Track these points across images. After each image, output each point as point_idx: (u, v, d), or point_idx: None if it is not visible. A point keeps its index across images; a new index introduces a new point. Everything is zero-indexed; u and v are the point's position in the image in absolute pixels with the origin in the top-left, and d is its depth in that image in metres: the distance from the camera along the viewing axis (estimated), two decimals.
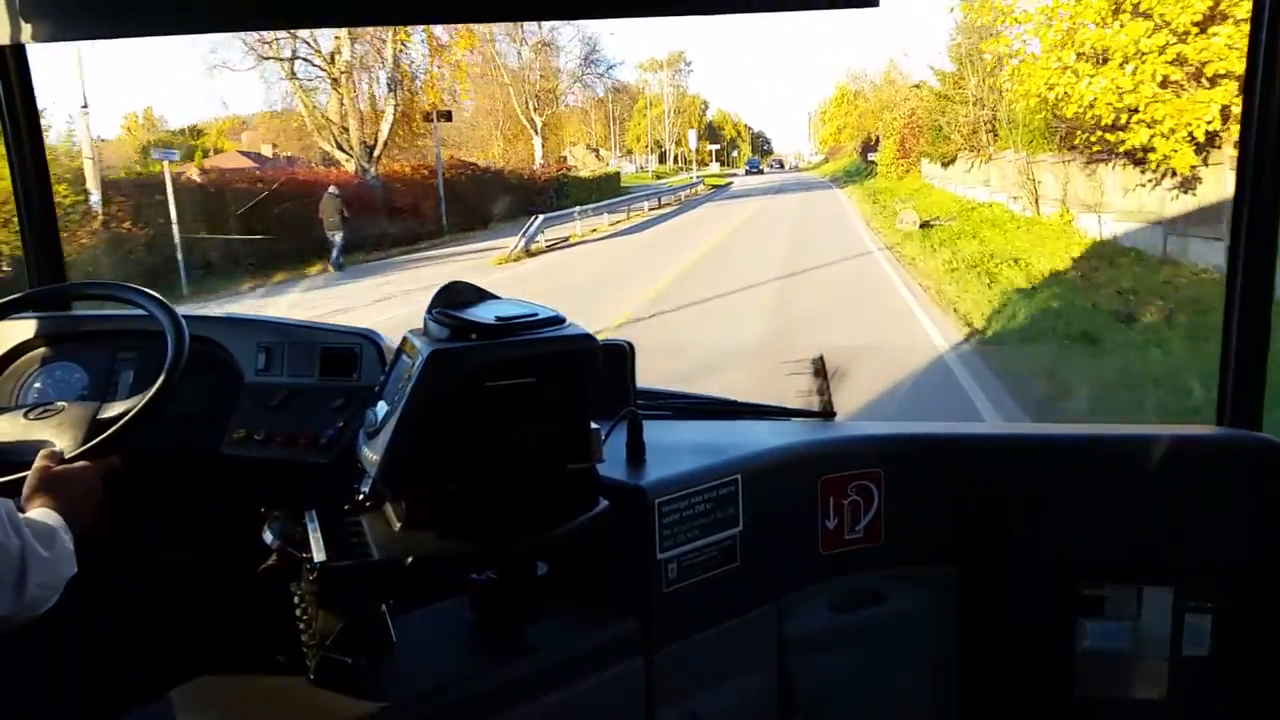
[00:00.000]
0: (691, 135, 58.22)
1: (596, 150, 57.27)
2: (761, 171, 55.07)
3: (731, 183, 47.42)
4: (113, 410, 1.66)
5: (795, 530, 1.81)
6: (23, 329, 2.02)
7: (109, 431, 1.59)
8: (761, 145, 77.39)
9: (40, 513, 1.37)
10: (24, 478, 1.48)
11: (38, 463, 1.49)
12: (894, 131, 34.09)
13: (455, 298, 1.44)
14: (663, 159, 64.94)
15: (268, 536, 1.37)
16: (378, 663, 1.40)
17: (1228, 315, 1.84)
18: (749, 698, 1.78)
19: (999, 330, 10.54)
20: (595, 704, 1.55)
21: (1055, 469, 1.93)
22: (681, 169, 61.18)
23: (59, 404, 1.70)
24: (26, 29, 1.82)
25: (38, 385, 1.98)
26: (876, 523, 1.87)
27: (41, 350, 2.02)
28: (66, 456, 1.54)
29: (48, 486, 1.45)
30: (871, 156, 38.61)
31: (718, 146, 67.69)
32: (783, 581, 1.80)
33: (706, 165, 63.19)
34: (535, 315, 1.40)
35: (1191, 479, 1.87)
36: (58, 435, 1.62)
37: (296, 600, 1.36)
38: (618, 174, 40.90)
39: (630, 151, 62.69)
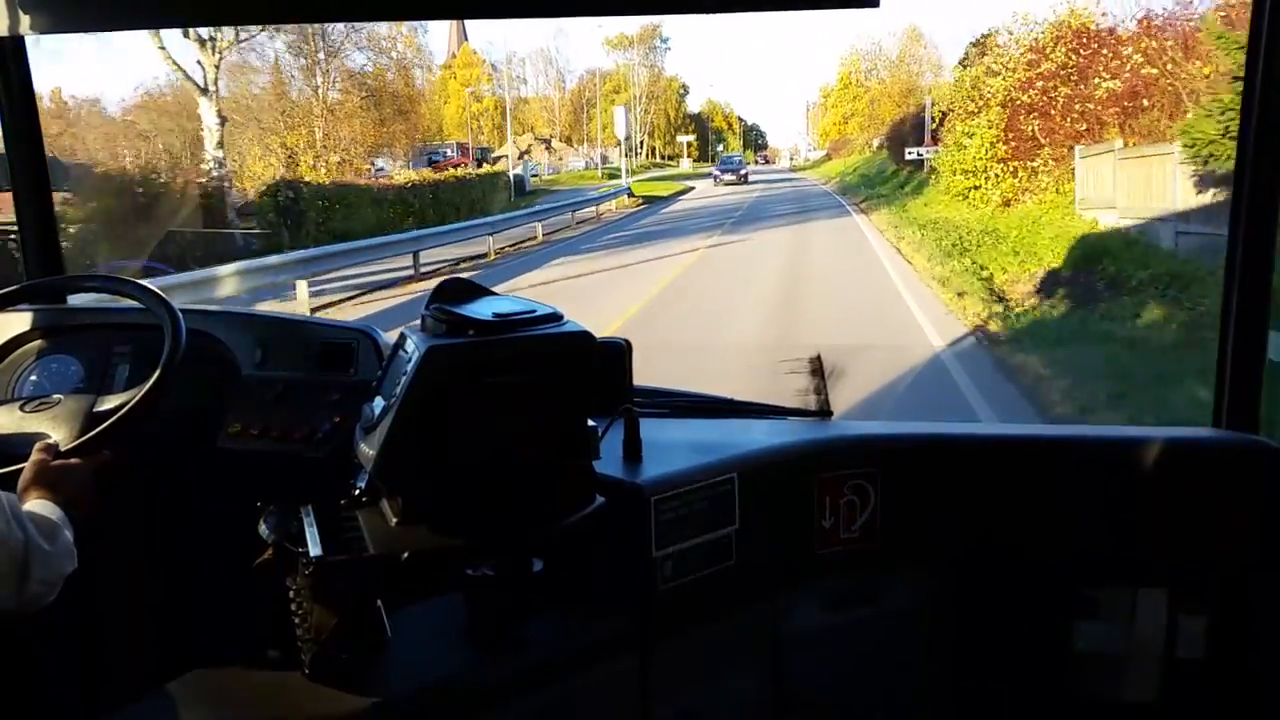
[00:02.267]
0: (619, 117, 40.81)
1: (548, 141, 48.72)
2: (744, 177, 36.18)
3: (689, 190, 33.16)
4: (109, 403, 1.65)
5: (791, 529, 1.81)
6: (19, 321, 2.01)
7: (104, 425, 1.59)
8: (755, 139, 68.66)
9: (41, 505, 1.37)
10: (18, 471, 1.47)
11: (34, 456, 1.48)
12: (988, 102, 16.54)
13: (453, 294, 1.44)
14: (630, 151, 53.58)
15: (263, 531, 1.37)
16: (372, 658, 1.40)
17: (1225, 317, 1.84)
18: (743, 695, 1.78)
19: None
20: (590, 701, 1.55)
21: (1052, 469, 1.93)
22: (653, 164, 52.06)
23: (55, 396, 1.70)
24: (25, 20, 1.81)
25: (33, 378, 1.97)
26: (872, 522, 1.87)
27: (37, 343, 2.01)
28: (62, 450, 1.54)
29: (44, 480, 1.45)
30: (918, 153, 23.24)
31: (690, 138, 56.95)
32: (778, 580, 1.80)
33: (677, 161, 53.82)
34: (533, 312, 1.40)
35: (1188, 481, 1.88)
36: (53, 428, 1.62)
37: (292, 595, 1.36)
38: (501, 176, 26.68)
39: (598, 143, 52.90)
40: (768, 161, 60.79)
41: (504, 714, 1.44)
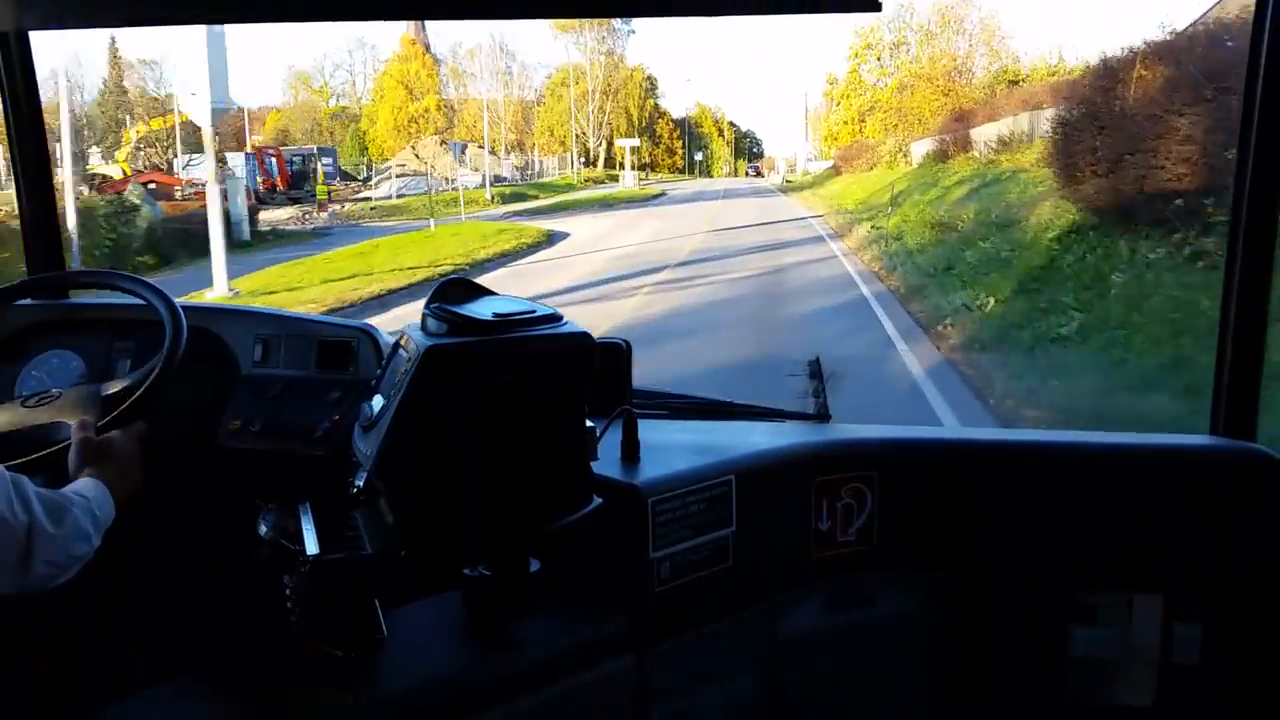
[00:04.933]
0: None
1: (462, 147, 37.70)
2: None
3: (505, 264, 15.42)
4: (115, 387, 1.66)
5: (788, 532, 1.81)
6: (20, 316, 2.01)
7: (138, 394, 1.61)
8: (749, 147, 57.66)
9: (87, 484, 1.39)
10: (46, 455, 1.49)
11: (76, 435, 1.51)
12: None
13: (453, 294, 1.45)
14: (587, 160, 43.31)
15: (261, 528, 1.38)
16: (369, 657, 1.40)
17: (1223, 323, 1.84)
18: (740, 698, 1.78)
19: None
20: (586, 701, 1.55)
21: (1049, 475, 1.93)
22: (609, 176, 40.21)
23: (54, 391, 1.71)
24: (29, 15, 1.82)
25: (35, 373, 1.98)
26: (870, 526, 1.87)
27: (39, 338, 2.02)
28: (98, 425, 1.56)
29: (94, 456, 1.48)
30: None
31: (634, 143, 42.71)
32: (775, 582, 1.80)
33: (615, 178, 39.54)
34: (533, 312, 1.40)
35: (1185, 487, 1.88)
36: (63, 417, 1.63)
37: (289, 593, 1.36)
38: None
39: (536, 148, 42.76)
40: (759, 174, 50.20)
41: (500, 714, 1.45)
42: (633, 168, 40.11)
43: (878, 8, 1.64)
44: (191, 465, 1.85)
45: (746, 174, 51.23)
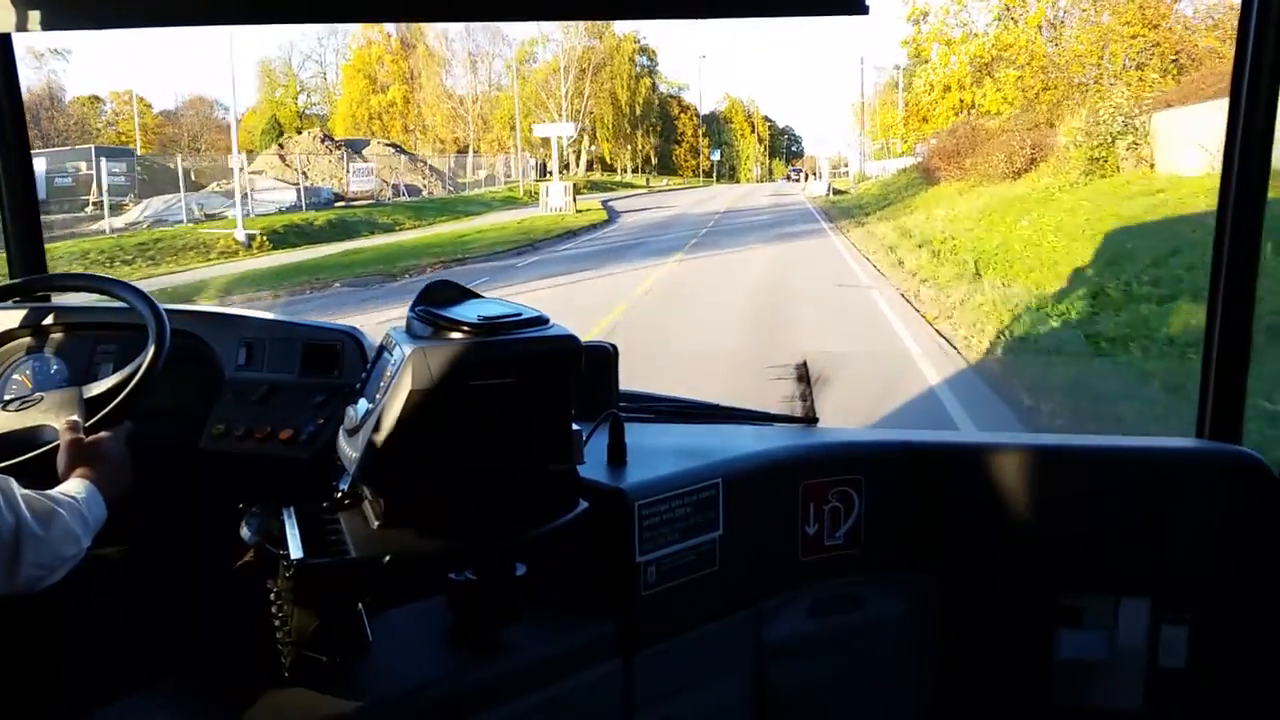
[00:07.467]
0: None
1: (347, 148, 27.44)
2: None
3: None
4: (97, 389, 1.65)
5: (775, 535, 1.81)
6: (2, 320, 2.00)
7: (125, 393, 1.61)
8: (787, 145, 48.47)
9: (72, 485, 1.39)
10: (32, 458, 1.48)
11: (65, 436, 1.50)
12: None
13: (439, 296, 1.44)
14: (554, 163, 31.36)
15: (245, 533, 1.37)
16: (353, 662, 1.39)
17: (1209, 327, 1.85)
18: (727, 701, 1.78)
19: None
20: (573, 705, 1.54)
21: (1036, 478, 1.93)
22: (590, 182, 30.19)
23: (37, 395, 1.69)
24: (10, 19, 1.80)
25: (16, 377, 1.96)
26: (857, 529, 1.87)
27: (21, 341, 2.00)
28: (85, 425, 1.56)
29: (84, 457, 1.47)
30: None
31: (569, 132, 31.94)
32: (762, 586, 1.80)
33: (602, 183, 30.40)
34: (519, 315, 1.40)
35: (1171, 491, 1.88)
36: (47, 420, 1.62)
37: (273, 597, 1.35)
38: None
39: (482, 146, 32.98)
40: (799, 176, 39.05)
41: (486, 719, 1.44)
42: (559, 173, 28.20)
43: (865, 10, 1.64)
44: (175, 469, 1.84)
45: (788, 177, 41.12)
